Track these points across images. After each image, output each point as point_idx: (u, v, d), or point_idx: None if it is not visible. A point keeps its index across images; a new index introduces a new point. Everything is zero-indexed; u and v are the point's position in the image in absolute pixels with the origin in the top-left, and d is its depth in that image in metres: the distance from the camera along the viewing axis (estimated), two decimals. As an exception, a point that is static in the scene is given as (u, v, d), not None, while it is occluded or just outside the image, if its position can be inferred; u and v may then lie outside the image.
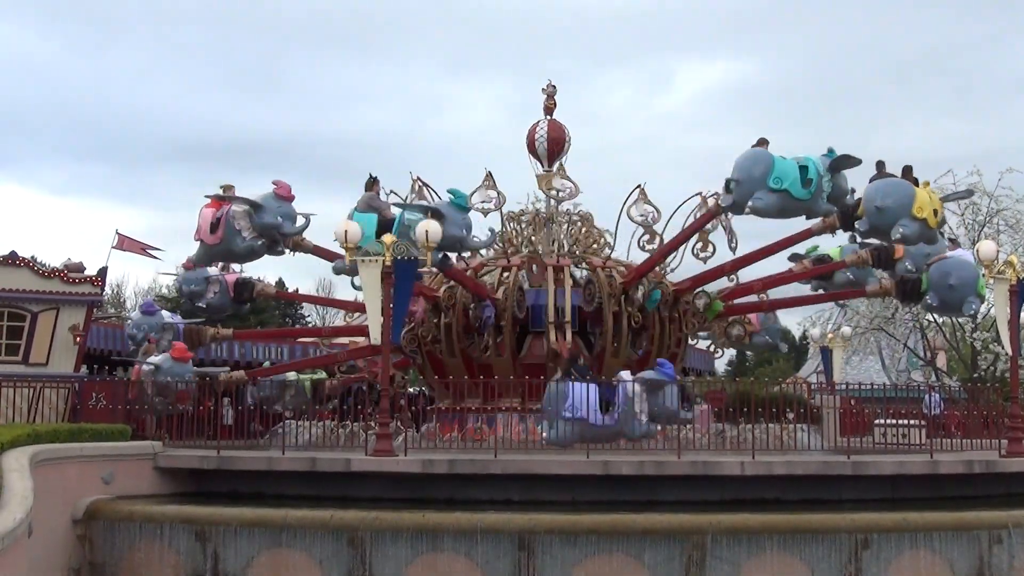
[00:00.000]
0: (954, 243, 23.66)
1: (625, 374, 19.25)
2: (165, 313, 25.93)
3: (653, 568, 15.26)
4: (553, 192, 25.45)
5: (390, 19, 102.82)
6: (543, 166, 25.87)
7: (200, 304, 24.71)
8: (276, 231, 21.84)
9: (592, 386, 19.10)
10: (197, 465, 19.09)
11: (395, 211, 21.13)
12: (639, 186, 24.84)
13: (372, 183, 21.79)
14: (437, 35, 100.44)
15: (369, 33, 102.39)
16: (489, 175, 25.11)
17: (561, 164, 25.79)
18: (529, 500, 17.51)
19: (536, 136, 25.68)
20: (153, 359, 22.51)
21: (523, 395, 21.11)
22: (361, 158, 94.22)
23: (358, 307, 25.90)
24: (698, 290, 24.57)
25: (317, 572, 15.81)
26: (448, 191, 21.46)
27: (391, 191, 24.61)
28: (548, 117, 26.04)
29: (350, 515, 15.85)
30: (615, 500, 17.50)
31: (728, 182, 20.97)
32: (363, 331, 23.75)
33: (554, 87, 26.32)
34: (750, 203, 20.37)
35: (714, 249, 24.45)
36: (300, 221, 22.23)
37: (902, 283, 22.56)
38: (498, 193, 24.94)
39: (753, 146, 21.02)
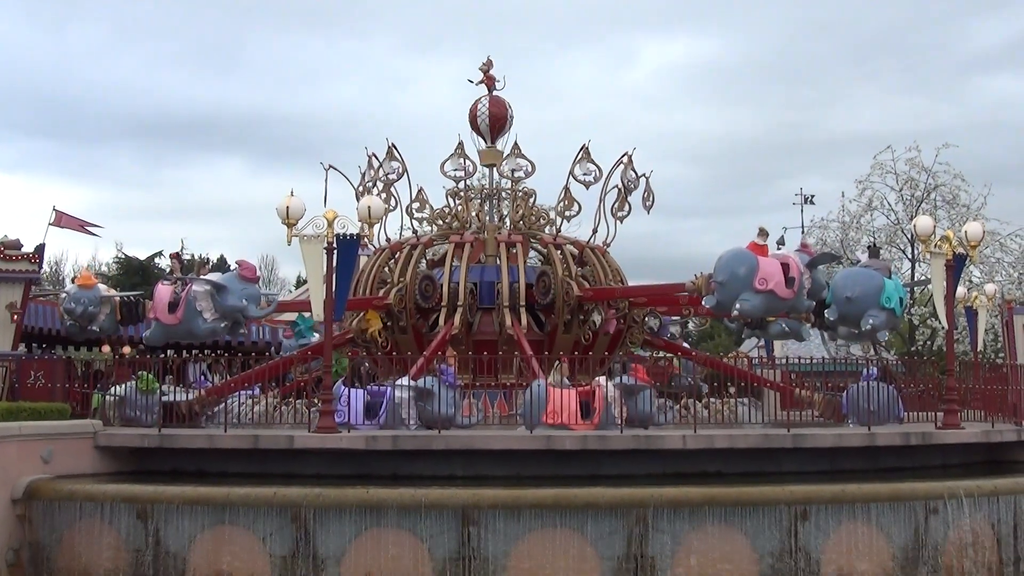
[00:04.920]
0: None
1: None
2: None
3: (596, 541, 15.39)
4: (509, 171, 25.60)
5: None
6: (486, 142, 26.00)
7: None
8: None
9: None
10: (138, 443, 18.94)
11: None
12: (584, 145, 25.33)
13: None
14: (400, 11, 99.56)
15: (331, 8, 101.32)
16: (460, 144, 25.37)
17: (515, 142, 25.91)
18: (472, 475, 17.58)
19: (477, 112, 25.87)
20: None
21: (473, 371, 21.23)
22: (322, 135, 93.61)
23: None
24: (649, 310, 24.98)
25: (261, 549, 15.77)
26: None
27: (383, 165, 24.99)
28: (489, 93, 26.12)
29: (293, 492, 15.82)
30: (558, 475, 17.59)
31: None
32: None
33: (491, 62, 26.45)
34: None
35: (630, 208, 25.51)
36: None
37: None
38: (465, 159, 25.40)
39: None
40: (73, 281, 23.52)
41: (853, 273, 21.51)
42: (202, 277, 21.01)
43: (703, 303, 21.13)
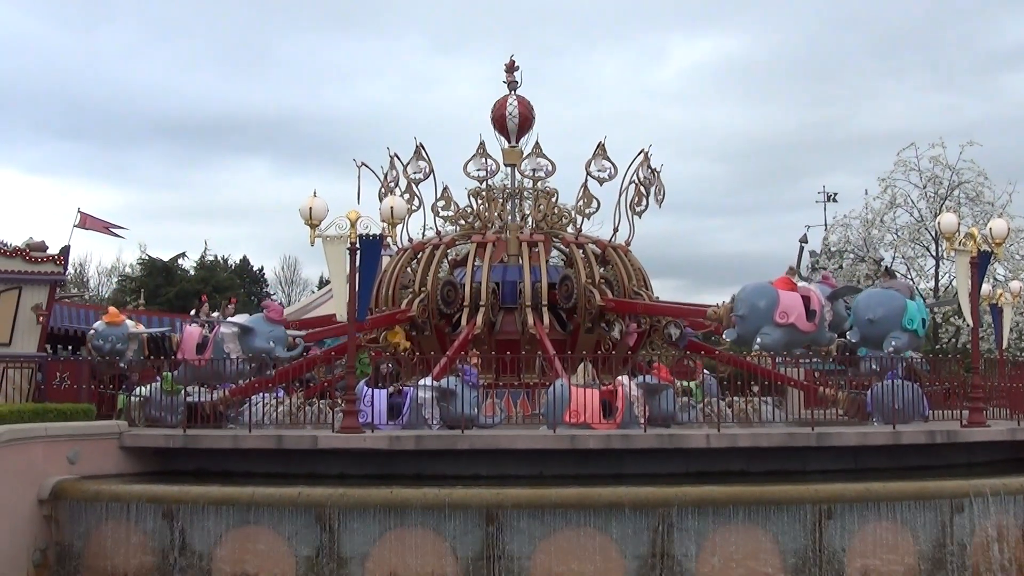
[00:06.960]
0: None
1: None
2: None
3: (620, 541, 15.38)
4: (529, 171, 25.69)
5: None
6: (508, 141, 26.08)
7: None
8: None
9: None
10: (163, 444, 19.02)
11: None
12: (600, 143, 25.40)
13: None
14: (427, 11, 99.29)
15: (358, 9, 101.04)
16: (482, 144, 25.46)
17: (536, 142, 26.00)
18: (496, 475, 17.58)
19: (495, 112, 26.06)
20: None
21: (496, 371, 21.27)
22: (349, 135, 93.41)
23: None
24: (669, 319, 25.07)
25: (285, 549, 15.82)
26: None
27: (411, 164, 25.25)
28: (511, 92, 26.21)
29: (318, 492, 15.86)
30: (582, 474, 17.60)
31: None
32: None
33: (513, 62, 26.55)
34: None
35: (647, 204, 25.89)
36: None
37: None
38: (487, 159, 25.49)
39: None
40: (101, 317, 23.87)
41: (875, 295, 21.52)
42: (229, 319, 21.23)
43: (724, 336, 21.22)
